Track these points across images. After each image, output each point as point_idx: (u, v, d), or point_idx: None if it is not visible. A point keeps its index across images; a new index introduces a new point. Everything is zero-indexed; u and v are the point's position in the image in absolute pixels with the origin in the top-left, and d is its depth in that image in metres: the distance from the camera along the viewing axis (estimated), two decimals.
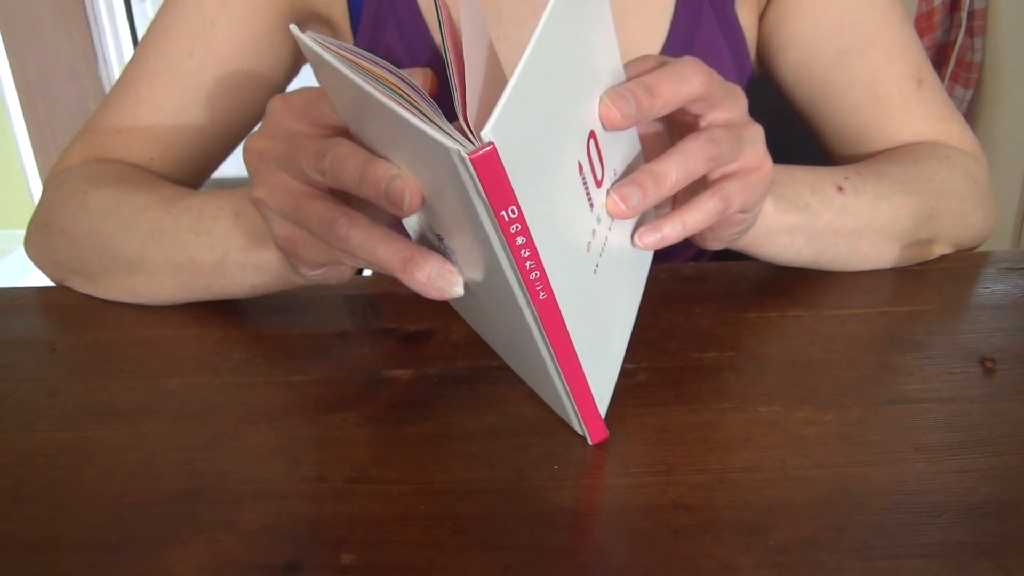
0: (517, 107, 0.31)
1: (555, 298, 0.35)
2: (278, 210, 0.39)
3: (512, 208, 0.31)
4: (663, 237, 0.40)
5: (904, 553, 0.33)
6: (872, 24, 0.62)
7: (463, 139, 0.30)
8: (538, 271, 0.33)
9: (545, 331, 0.35)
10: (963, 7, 1.81)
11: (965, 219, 0.59)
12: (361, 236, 0.36)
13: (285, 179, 0.39)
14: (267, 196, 0.39)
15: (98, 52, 2.96)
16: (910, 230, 0.55)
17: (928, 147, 0.60)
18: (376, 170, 0.34)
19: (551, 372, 0.38)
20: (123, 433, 0.42)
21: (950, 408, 0.42)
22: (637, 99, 0.37)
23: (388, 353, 0.48)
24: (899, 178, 0.56)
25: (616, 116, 0.36)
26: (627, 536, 0.35)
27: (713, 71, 0.41)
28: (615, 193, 0.37)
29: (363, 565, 0.33)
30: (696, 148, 0.39)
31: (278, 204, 0.39)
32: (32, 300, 0.56)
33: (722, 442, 0.40)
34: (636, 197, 0.37)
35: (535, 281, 0.34)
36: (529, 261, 0.33)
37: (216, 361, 0.48)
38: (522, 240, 0.32)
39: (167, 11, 0.62)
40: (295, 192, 0.38)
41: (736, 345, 0.48)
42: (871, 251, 0.55)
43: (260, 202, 0.40)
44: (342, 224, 0.36)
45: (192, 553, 0.34)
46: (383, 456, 0.40)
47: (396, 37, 0.63)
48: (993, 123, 1.81)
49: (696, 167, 0.39)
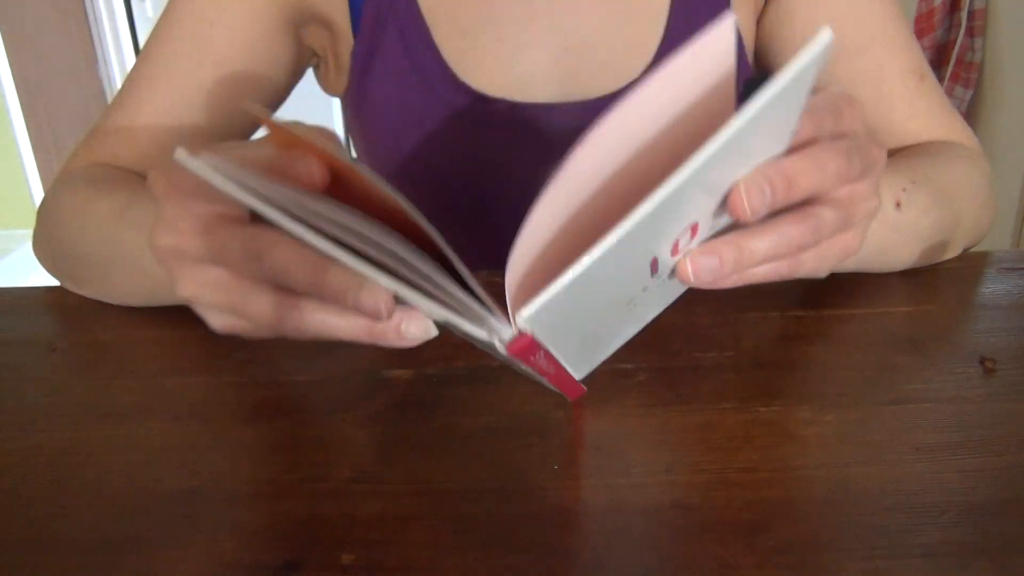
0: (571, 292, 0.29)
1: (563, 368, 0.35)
2: (215, 306, 0.36)
3: (539, 353, 0.31)
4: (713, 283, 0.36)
5: (904, 553, 0.33)
6: (874, 22, 0.62)
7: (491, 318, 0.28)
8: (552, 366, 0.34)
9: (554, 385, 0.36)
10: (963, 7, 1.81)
11: (979, 221, 0.59)
12: (318, 319, 0.34)
13: (213, 273, 0.35)
14: (198, 294, 0.36)
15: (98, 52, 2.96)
16: (936, 238, 0.55)
17: (955, 148, 0.60)
18: (335, 281, 0.31)
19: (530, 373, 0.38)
20: (123, 433, 0.42)
21: (950, 408, 0.42)
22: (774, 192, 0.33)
23: (388, 353, 0.48)
24: (943, 186, 0.55)
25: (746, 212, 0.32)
26: (627, 536, 0.35)
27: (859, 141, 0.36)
28: (691, 262, 0.34)
29: (363, 565, 0.33)
30: (797, 234, 0.35)
31: (212, 300, 0.36)
32: (32, 300, 0.56)
33: (722, 442, 0.40)
34: (710, 271, 0.34)
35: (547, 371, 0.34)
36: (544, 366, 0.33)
37: (216, 361, 0.48)
38: (543, 360, 0.32)
39: (169, 13, 0.62)
40: (229, 286, 0.35)
41: (736, 345, 0.48)
42: (902, 258, 0.55)
43: (192, 301, 0.37)
44: (294, 318, 0.35)
45: (192, 553, 0.34)
46: (383, 456, 0.40)
47: (396, 38, 0.63)
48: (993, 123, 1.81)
49: (788, 251, 0.35)
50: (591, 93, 0.64)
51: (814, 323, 0.50)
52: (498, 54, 0.63)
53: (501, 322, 0.29)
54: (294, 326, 0.35)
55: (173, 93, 0.61)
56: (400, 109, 0.64)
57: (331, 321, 0.35)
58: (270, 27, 0.62)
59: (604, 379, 0.44)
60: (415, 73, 0.63)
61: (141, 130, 0.61)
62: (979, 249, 0.61)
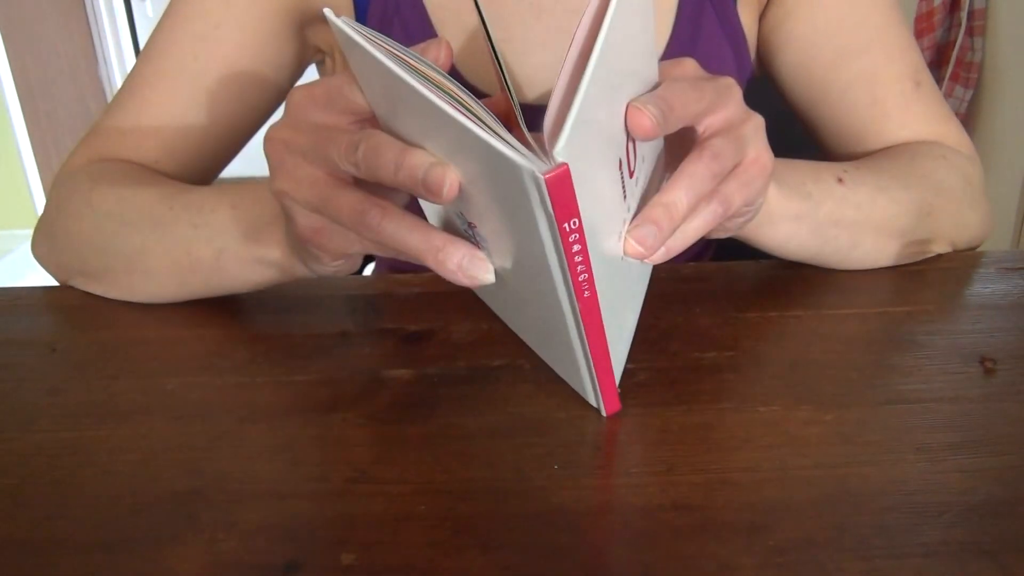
0: (583, 122, 0.32)
1: (597, 295, 0.36)
2: (304, 202, 0.39)
3: (574, 220, 0.32)
4: (667, 251, 0.39)
5: (904, 553, 0.33)
6: (871, 26, 0.62)
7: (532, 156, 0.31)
8: (587, 273, 0.35)
9: (584, 324, 0.37)
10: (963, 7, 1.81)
11: (961, 219, 0.59)
12: (393, 226, 0.36)
13: (311, 171, 0.39)
14: (291, 188, 0.39)
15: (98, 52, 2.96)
16: (909, 226, 0.55)
17: (924, 146, 0.61)
18: (413, 158, 0.34)
19: (577, 354, 0.39)
20: (123, 433, 0.42)
21: (950, 408, 0.42)
22: (660, 110, 0.36)
23: (388, 353, 0.48)
24: (897, 174, 0.56)
25: (649, 118, 0.36)
26: (627, 536, 0.35)
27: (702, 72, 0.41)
28: (632, 237, 0.37)
29: (363, 565, 0.33)
30: (701, 168, 0.38)
31: (303, 196, 0.39)
32: (32, 300, 0.56)
33: (722, 442, 0.40)
34: (652, 236, 0.37)
35: (583, 283, 0.35)
36: (580, 265, 0.34)
37: (216, 361, 0.48)
38: (578, 248, 0.33)
39: (172, 13, 0.62)
40: (321, 183, 0.38)
41: (736, 345, 0.48)
42: (872, 247, 0.55)
43: (283, 194, 0.40)
44: (374, 215, 0.37)
45: (192, 553, 0.34)
46: (383, 456, 0.40)
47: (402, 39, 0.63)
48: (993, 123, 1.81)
49: (704, 187, 0.38)
50: None
51: (814, 323, 0.50)
52: (504, 55, 0.63)
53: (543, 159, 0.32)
54: (372, 226, 0.37)
55: (177, 93, 0.61)
56: None
57: (404, 232, 0.36)
58: (275, 27, 0.62)
59: None
60: None
61: (144, 130, 0.61)
62: (979, 249, 0.61)
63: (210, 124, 0.62)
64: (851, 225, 0.54)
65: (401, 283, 0.57)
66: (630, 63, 0.37)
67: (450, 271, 0.36)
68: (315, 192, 0.39)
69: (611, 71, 0.34)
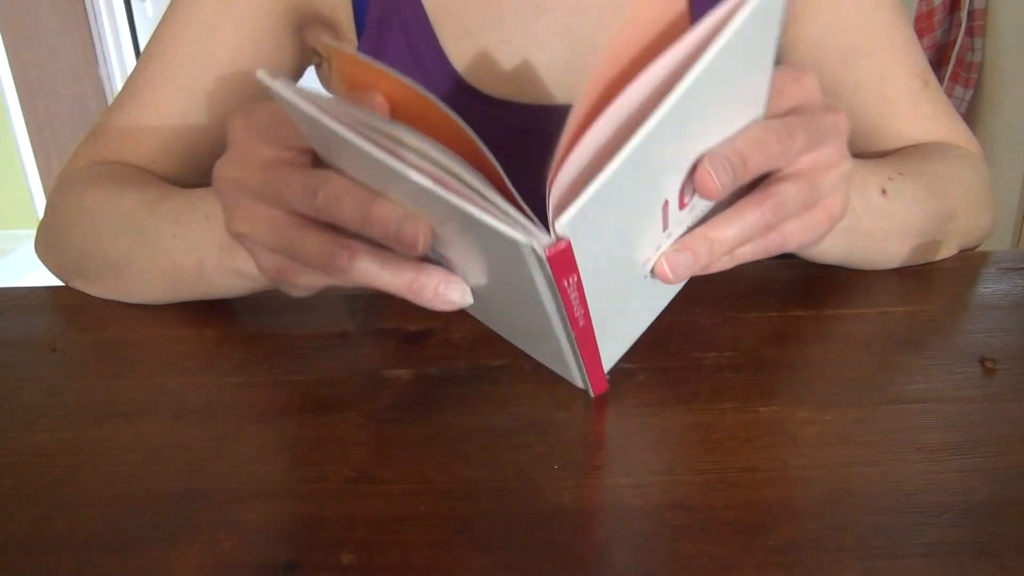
0: (605, 195, 0.30)
1: (591, 322, 0.35)
2: (264, 244, 0.38)
3: (572, 277, 0.32)
4: (707, 267, 0.37)
5: (904, 553, 0.33)
6: (878, 25, 0.62)
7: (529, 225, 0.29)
8: (582, 310, 0.34)
9: (577, 344, 0.36)
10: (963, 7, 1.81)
11: (976, 221, 0.59)
12: (362, 266, 0.35)
13: (268, 211, 0.37)
14: (250, 230, 0.38)
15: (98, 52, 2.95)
16: (933, 232, 0.55)
17: (950, 148, 0.60)
18: (381, 211, 0.33)
19: (565, 350, 0.38)
20: (123, 433, 0.42)
21: (950, 408, 0.42)
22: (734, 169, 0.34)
23: (388, 353, 0.48)
24: (933, 180, 0.55)
25: (716, 186, 0.34)
26: (627, 536, 0.35)
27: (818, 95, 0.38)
28: (667, 262, 0.36)
29: (363, 565, 0.33)
30: (758, 216, 0.37)
31: (263, 238, 0.38)
32: (32, 300, 0.56)
33: (722, 442, 0.40)
34: (686, 266, 0.36)
35: (578, 318, 0.34)
36: (578, 309, 0.33)
37: (216, 361, 0.48)
38: (575, 296, 0.33)
39: (171, 13, 0.62)
40: (282, 224, 0.37)
41: (736, 345, 0.48)
42: (896, 252, 0.55)
43: (242, 236, 0.38)
44: (342, 257, 0.35)
45: (192, 553, 0.34)
46: (383, 456, 0.40)
47: (401, 40, 0.63)
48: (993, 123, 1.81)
49: (754, 233, 0.37)
50: None
51: (814, 323, 0.50)
52: (504, 55, 0.63)
53: (541, 229, 0.30)
54: (341, 268, 0.36)
55: (177, 94, 0.61)
56: None
57: (374, 269, 0.35)
58: (274, 28, 0.62)
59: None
60: (420, 75, 0.63)
61: (144, 131, 0.61)
62: (979, 249, 0.61)
63: (209, 124, 0.62)
64: (882, 235, 0.53)
65: None
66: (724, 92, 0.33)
67: (427, 300, 0.36)
68: (276, 234, 0.37)
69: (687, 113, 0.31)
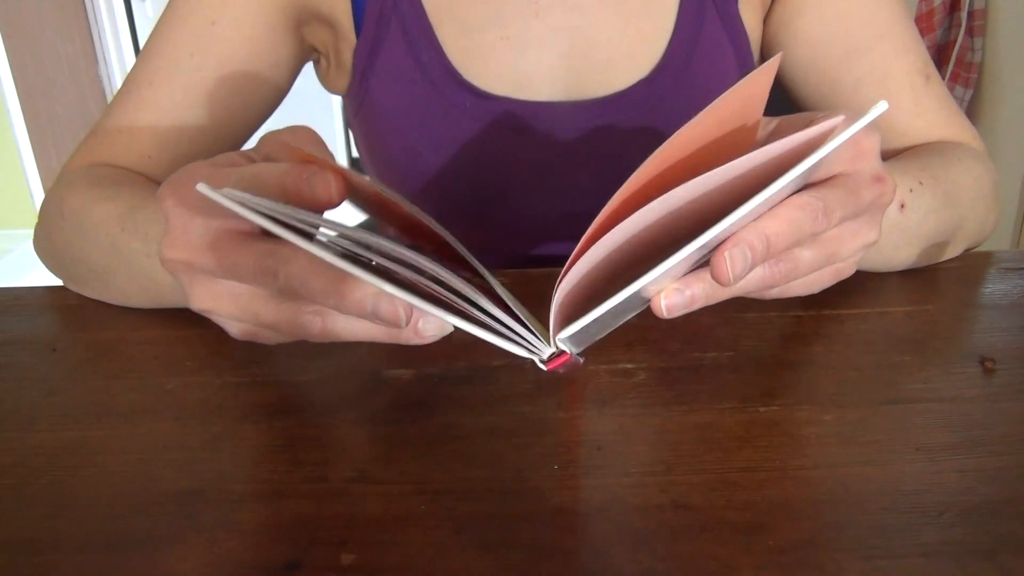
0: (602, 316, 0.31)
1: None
2: (231, 317, 0.37)
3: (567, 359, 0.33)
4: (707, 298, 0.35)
5: (904, 553, 0.33)
6: (880, 21, 0.62)
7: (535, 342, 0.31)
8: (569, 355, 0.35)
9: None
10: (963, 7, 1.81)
11: (983, 223, 0.59)
12: (340, 326, 0.35)
13: (227, 286, 0.36)
14: (214, 307, 0.37)
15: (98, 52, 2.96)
16: (940, 239, 0.55)
17: (964, 149, 0.60)
18: (354, 292, 0.31)
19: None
20: (123, 433, 0.42)
21: (950, 408, 0.42)
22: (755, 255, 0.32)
23: (388, 353, 0.48)
24: (950, 188, 0.55)
25: (728, 279, 0.32)
26: (627, 536, 0.35)
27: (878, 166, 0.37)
28: (665, 299, 0.33)
29: (363, 565, 0.33)
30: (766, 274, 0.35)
31: (229, 312, 0.37)
32: (32, 300, 0.56)
33: (722, 442, 0.40)
34: (681, 307, 0.34)
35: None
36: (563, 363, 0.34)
37: (216, 361, 0.48)
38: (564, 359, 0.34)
39: (170, 11, 0.62)
40: (244, 298, 0.36)
41: (736, 345, 0.48)
42: (902, 258, 0.55)
43: (208, 312, 0.37)
44: (314, 324, 0.35)
45: (192, 553, 0.34)
46: (383, 456, 0.40)
47: (400, 37, 0.63)
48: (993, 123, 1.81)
49: (758, 289, 0.36)
50: (597, 92, 0.63)
51: (814, 323, 0.50)
52: (503, 52, 0.63)
53: (541, 342, 0.31)
54: (316, 332, 0.35)
55: (175, 93, 0.61)
56: (403, 108, 0.64)
57: (351, 326, 0.35)
58: (272, 26, 0.62)
59: (604, 379, 0.45)
60: (418, 72, 0.63)
61: (143, 130, 0.61)
62: (979, 249, 0.61)
63: (207, 122, 0.62)
64: (892, 247, 0.53)
65: None
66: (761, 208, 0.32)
67: (411, 340, 0.35)
68: (240, 308, 0.36)
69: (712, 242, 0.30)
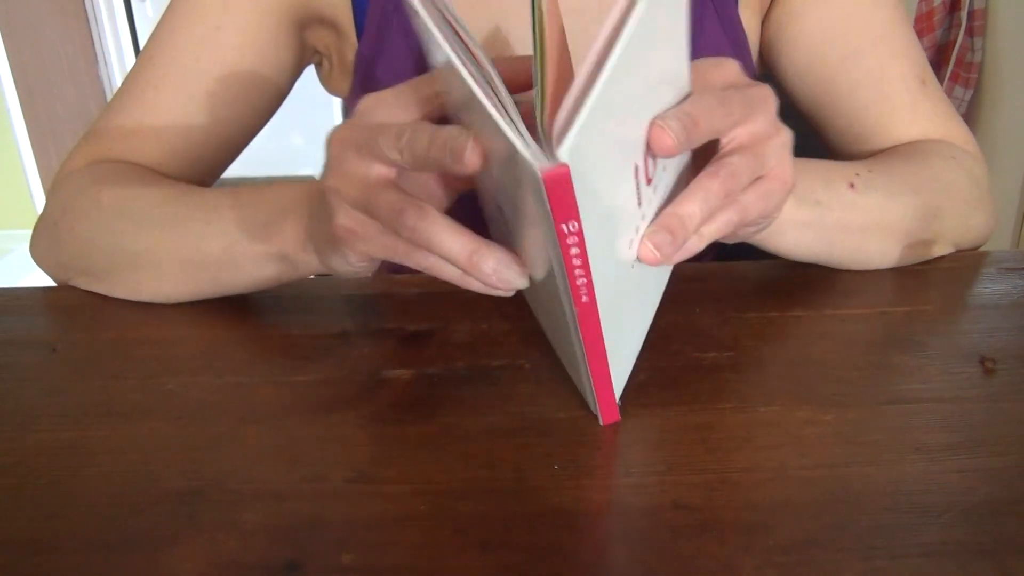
0: (593, 124, 0.31)
1: (596, 303, 0.35)
2: (348, 198, 0.41)
3: (572, 223, 0.32)
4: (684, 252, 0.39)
5: (904, 553, 0.33)
6: (878, 25, 0.62)
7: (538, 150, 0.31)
8: (585, 278, 0.34)
9: (581, 329, 0.37)
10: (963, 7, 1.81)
11: (967, 220, 0.59)
12: (428, 226, 0.38)
13: (362, 169, 0.40)
14: (340, 184, 0.41)
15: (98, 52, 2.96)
16: (916, 230, 0.55)
17: (935, 146, 0.61)
18: (444, 131, 0.36)
19: (578, 358, 0.39)
20: (123, 433, 0.42)
21: (950, 408, 0.42)
22: (684, 127, 0.36)
23: (388, 353, 0.48)
24: (908, 177, 0.56)
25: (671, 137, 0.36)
26: (627, 536, 0.35)
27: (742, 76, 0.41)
28: (650, 241, 0.37)
29: (363, 565, 0.33)
30: (716, 186, 0.38)
31: (349, 193, 0.40)
32: (32, 300, 0.56)
33: (722, 442, 0.40)
34: (668, 243, 0.37)
35: (580, 287, 0.35)
36: (579, 269, 0.34)
37: (216, 361, 0.48)
38: (576, 251, 0.33)
39: (171, 15, 0.62)
40: (368, 182, 0.40)
41: (736, 345, 0.48)
42: (877, 250, 0.55)
43: (332, 190, 0.41)
44: (411, 214, 0.38)
45: (192, 553, 0.34)
46: (383, 456, 0.40)
47: (401, 39, 0.63)
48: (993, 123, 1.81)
49: (717, 203, 0.38)
50: None
51: (814, 323, 0.50)
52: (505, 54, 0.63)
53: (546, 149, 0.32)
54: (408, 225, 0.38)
55: (177, 95, 0.61)
56: None
57: (439, 232, 0.38)
58: (275, 29, 0.62)
59: None
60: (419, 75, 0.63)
61: (149, 134, 0.61)
62: (979, 249, 0.61)
63: (212, 126, 0.62)
64: (858, 230, 0.54)
65: (401, 283, 0.57)
66: (656, 65, 0.36)
67: (484, 274, 0.37)
68: (360, 189, 0.40)
69: (632, 74, 0.34)
